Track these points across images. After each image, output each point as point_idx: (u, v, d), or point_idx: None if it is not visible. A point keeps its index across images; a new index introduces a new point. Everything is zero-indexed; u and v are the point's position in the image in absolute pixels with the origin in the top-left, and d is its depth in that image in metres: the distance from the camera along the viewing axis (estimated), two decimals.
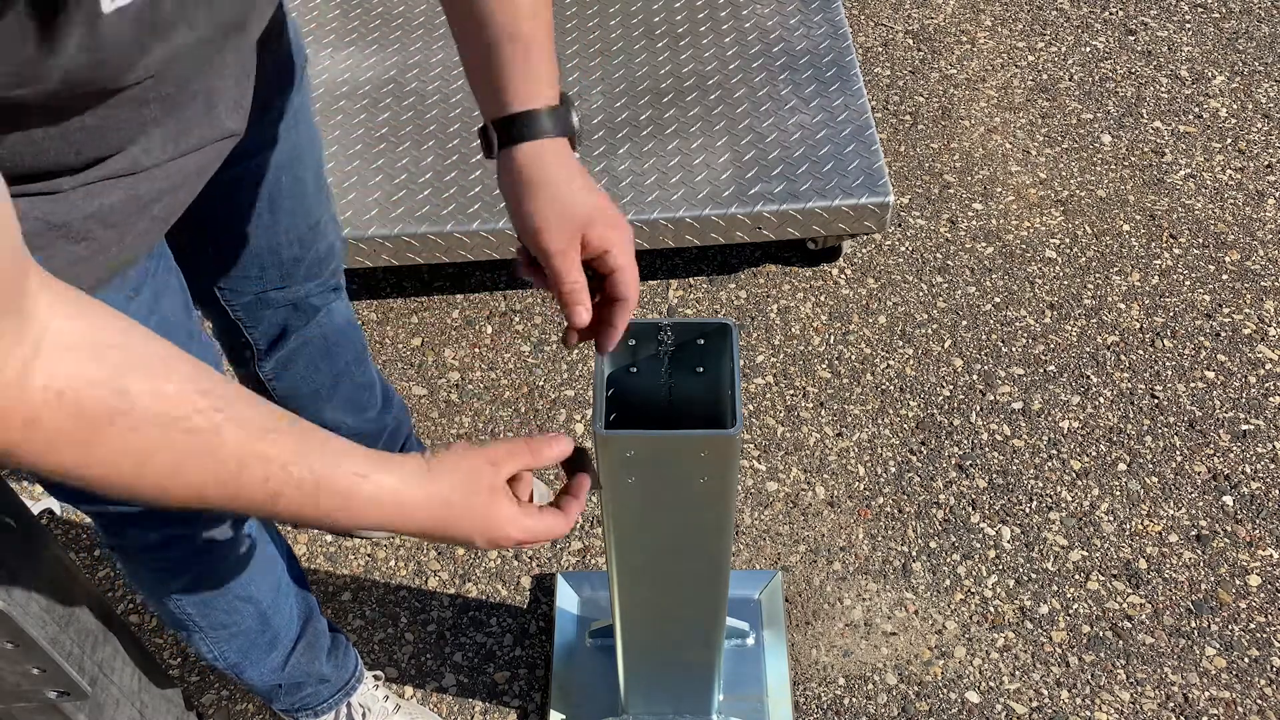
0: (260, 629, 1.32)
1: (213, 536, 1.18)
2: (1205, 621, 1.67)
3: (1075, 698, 1.60)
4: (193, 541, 1.17)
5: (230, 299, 1.28)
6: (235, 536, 1.22)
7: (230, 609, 1.27)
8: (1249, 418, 1.91)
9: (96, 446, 0.59)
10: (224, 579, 1.23)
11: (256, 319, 1.33)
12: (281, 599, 1.33)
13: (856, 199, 1.92)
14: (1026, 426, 1.90)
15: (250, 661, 1.34)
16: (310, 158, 1.21)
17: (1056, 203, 2.26)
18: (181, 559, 1.18)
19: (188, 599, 1.22)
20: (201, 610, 1.25)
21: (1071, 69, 2.53)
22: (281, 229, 1.22)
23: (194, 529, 1.16)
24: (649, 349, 1.02)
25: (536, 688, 1.64)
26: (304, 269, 1.30)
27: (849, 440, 1.90)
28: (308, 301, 1.35)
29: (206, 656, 1.32)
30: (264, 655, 1.35)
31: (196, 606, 1.24)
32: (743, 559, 1.76)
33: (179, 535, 1.15)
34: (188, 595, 1.22)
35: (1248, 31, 2.61)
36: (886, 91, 2.50)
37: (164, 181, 0.86)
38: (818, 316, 2.09)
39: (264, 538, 1.29)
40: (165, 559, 1.17)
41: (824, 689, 1.62)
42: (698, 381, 1.04)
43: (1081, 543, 1.76)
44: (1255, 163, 2.32)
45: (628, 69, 2.18)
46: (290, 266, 1.27)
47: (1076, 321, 2.06)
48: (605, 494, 1.02)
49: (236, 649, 1.32)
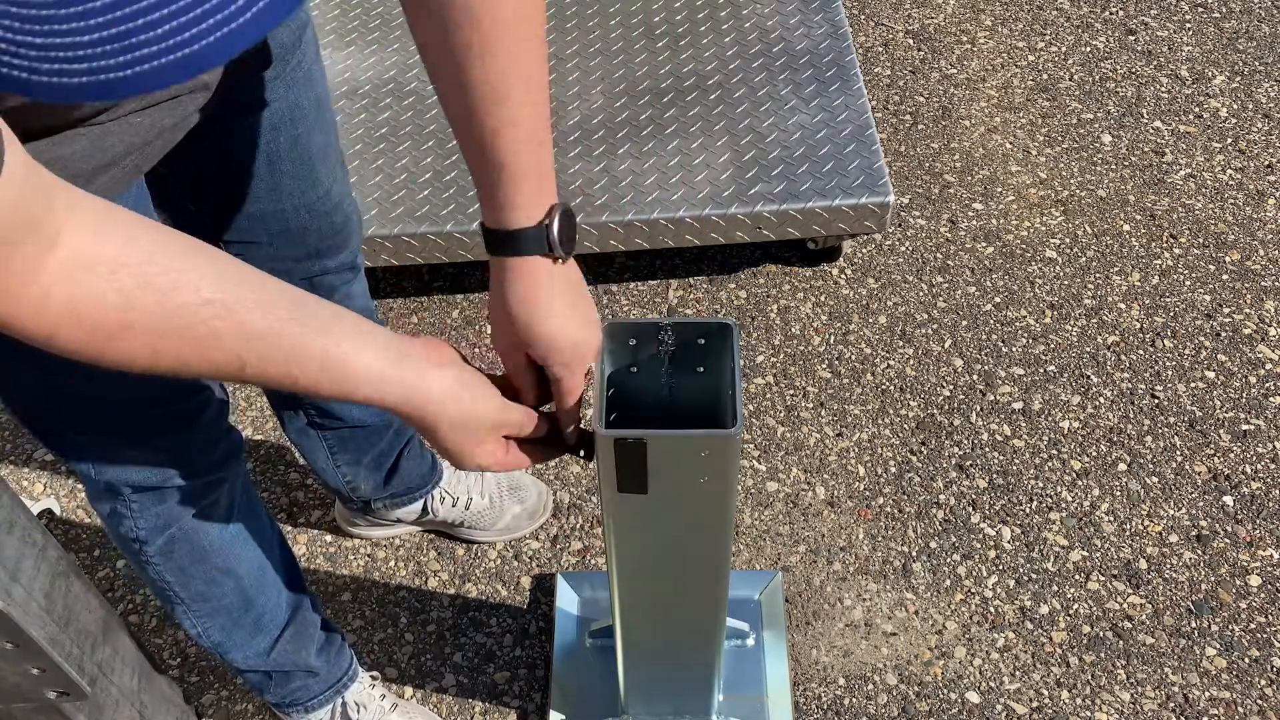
0: (242, 608, 1.32)
1: (191, 492, 1.19)
2: (1205, 622, 1.67)
3: (1075, 698, 1.60)
4: (167, 498, 1.18)
5: None
6: (215, 499, 1.23)
7: (209, 580, 1.27)
8: (1249, 418, 1.91)
9: (109, 351, 0.68)
10: (203, 546, 1.24)
11: None
12: (267, 582, 1.33)
13: (856, 199, 1.92)
14: (1027, 426, 1.90)
15: (234, 643, 1.35)
16: (316, 121, 1.18)
17: (1057, 203, 2.26)
18: (158, 517, 1.19)
19: (165, 564, 1.23)
20: (179, 579, 1.26)
21: (1072, 69, 2.53)
22: (285, 192, 1.19)
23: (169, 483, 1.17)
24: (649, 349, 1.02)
25: (536, 688, 1.64)
26: (316, 241, 1.27)
27: (849, 440, 1.90)
28: (324, 280, 1.32)
29: (190, 632, 1.33)
30: (248, 638, 1.35)
31: (175, 574, 1.25)
32: (743, 559, 1.76)
33: (154, 487, 1.16)
34: (165, 560, 1.23)
35: (1248, 31, 2.61)
36: (887, 91, 2.50)
37: (132, 136, 0.85)
38: (818, 316, 2.09)
39: (252, 513, 1.30)
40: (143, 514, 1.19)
41: (824, 689, 1.62)
42: (698, 381, 1.04)
43: (1082, 543, 1.76)
44: (1255, 162, 2.32)
45: (628, 69, 2.17)
46: (300, 236, 1.24)
47: (1077, 321, 2.06)
48: (605, 494, 1.02)
49: (219, 627, 1.32)
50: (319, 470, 1.59)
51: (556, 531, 1.81)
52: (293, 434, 1.54)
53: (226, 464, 1.21)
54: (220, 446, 1.19)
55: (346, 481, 1.61)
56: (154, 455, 1.13)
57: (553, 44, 2.23)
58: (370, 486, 1.63)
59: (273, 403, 1.55)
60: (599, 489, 1.20)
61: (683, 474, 0.99)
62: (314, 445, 1.54)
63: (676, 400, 1.06)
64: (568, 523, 1.82)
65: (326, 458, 1.56)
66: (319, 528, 1.83)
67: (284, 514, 1.85)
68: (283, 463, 1.91)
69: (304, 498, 1.87)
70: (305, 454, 1.57)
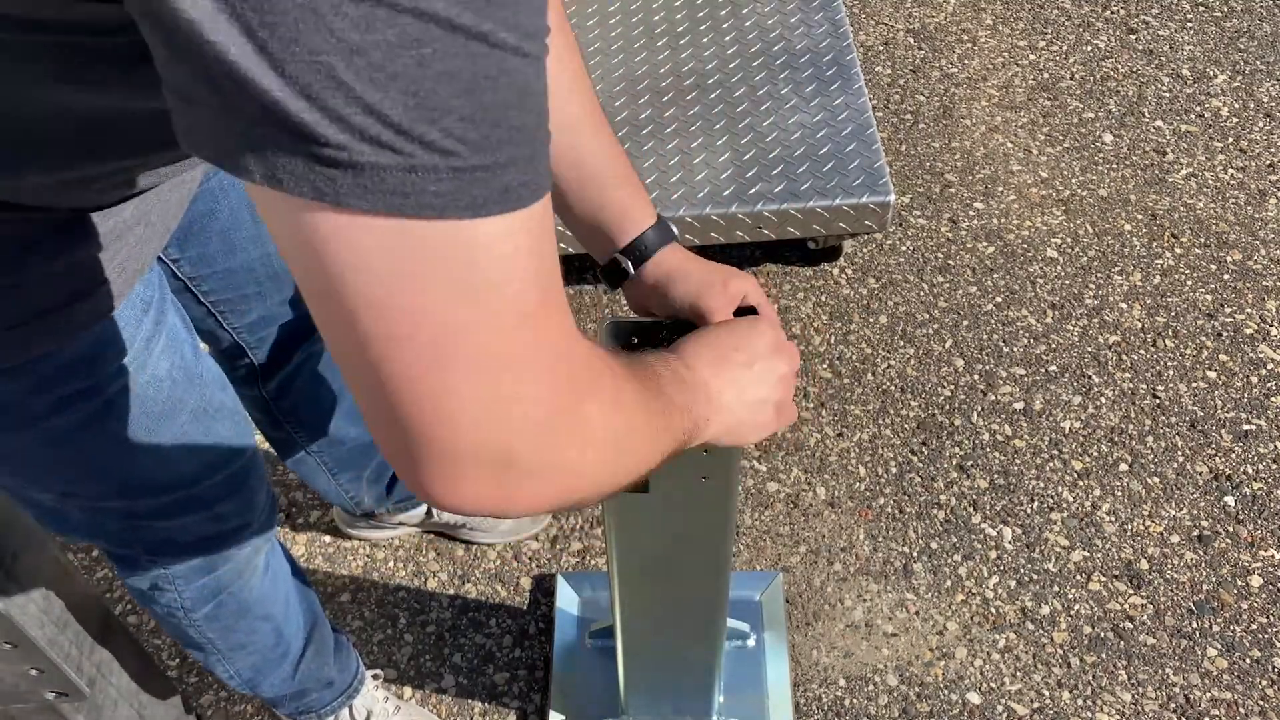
0: (275, 643, 1.31)
1: (238, 566, 1.18)
2: (1207, 622, 1.66)
3: (1076, 699, 1.60)
4: (218, 566, 1.16)
5: (232, 320, 1.24)
6: (256, 563, 1.21)
7: (250, 630, 1.27)
8: (1251, 418, 1.90)
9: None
10: (247, 602, 1.23)
11: (260, 339, 1.29)
12: (291, 610, 1.33)
13: (857, 198, 1.92)
14: (1028, 427, 1.90)
15: (263, 676, 1.34)
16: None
17: (1058, 202, 2.26)
18: (204, 588, 1.17)
19: (210, 626, 1.22)
20: (223, 635, 1.24)
21: (1073, 68, 2.53)
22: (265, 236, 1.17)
23: (216, 563, 1.15)
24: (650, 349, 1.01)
25: (536, 688, 1.63)
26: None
27: (850, 440, 1.90)
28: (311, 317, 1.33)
29: (221, 676, 1.31)
30: (276, 667, 1.34)
31: (219, 632, 1.24)
32: (743, 559, 1.76)
33: (199, 567, 1.14)
34: (210, 622, 1.21)
35: (1249, 30, 2.61)
36: (887, 90, 2.50)
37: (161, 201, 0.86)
38: (818, 316, 2.08)
39: (276, 550, 1.28)
40: (188, 586, 1.16)
41: (825, 690, 1.62)
42: None
43: (1083, 543, 1.76)
44: (1257, 162, 2.31)
45: (628, 69, 2.17)
46: (288, 278, 1.23)
47: (1078, 321, 2.05)
48: None
49: (251, 665, 1.31)
50: (321, 491, 1.57)
51: (556, 532, 1.80)
52: (290, 463, 1.51)
53: (271, 522, 1.20)
54: (266, 502, 1.17)
55: (350, 496, 1.59)
56: (208, 526, 1.11)
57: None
58: (373, 497, 1.62)
59: (264, 430, 1.49)
60: None
61: (683, 474, 0.99)
62: (313, 470, 1.52)
63: None
64: (568, 523, 1.81)
65: (328, 480, 1.54)
66: (318, 528, 1.82)
67: (284, 514, 1.84)
68: (282, 463, 1.90)
69: (304, 498, 1.86)
70: (305, 478, 1.55)
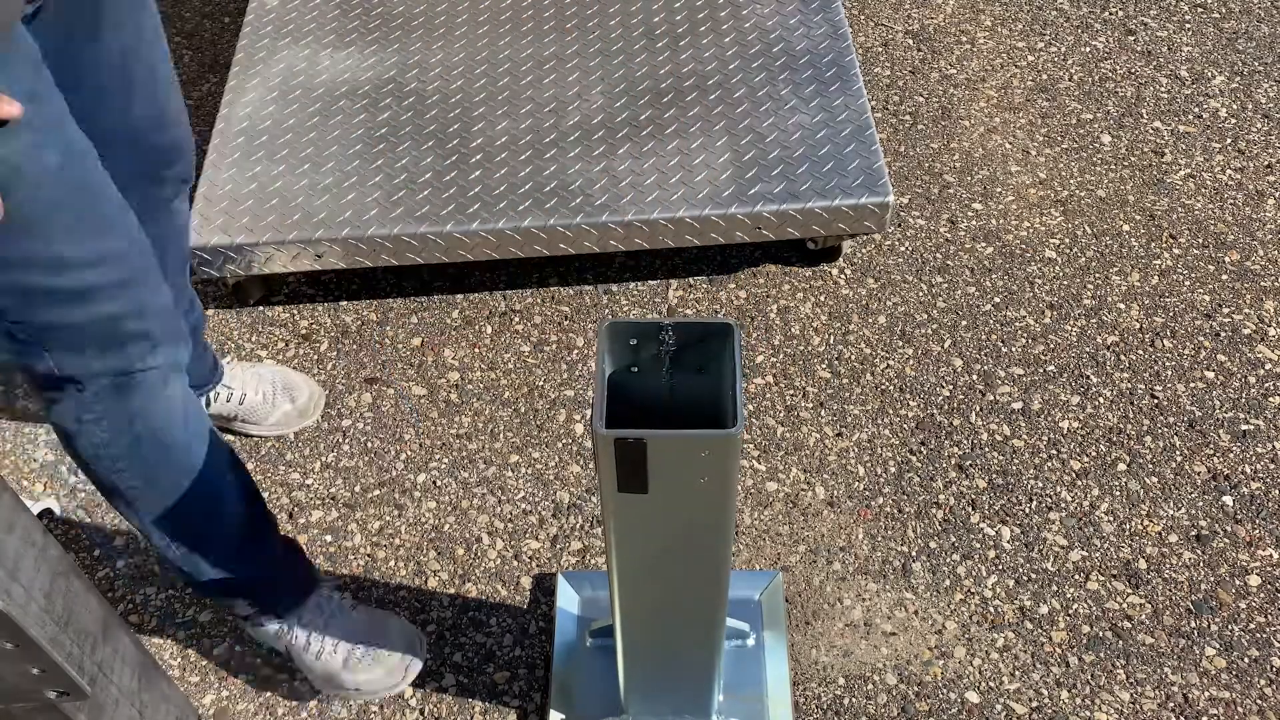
0: (207, 509, 1.36)
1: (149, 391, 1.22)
2: (1205, 622, 1.67)
3: (1075, 698, 1.60)
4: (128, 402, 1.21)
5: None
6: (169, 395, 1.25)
7: (175, 483, 1.31)
8: (1249, 418, 1.91)
9: None
10: (165, 445, 1.27)
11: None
12: (219, 474, 1.36)
13: (856, 199, 1.92)
14: (1026, 426, 1.90)
15: (203, 551, 1.38)
16: (155, 36, 1.31)
17: (1056, 203, 2.26)
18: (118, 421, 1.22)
19: (132, 467, 1.26)
20: (148, 481, 1.29)
21: (1071, 69, 2.53)
22: (135, 114, 1.30)
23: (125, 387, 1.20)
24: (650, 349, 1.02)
25: (536, 688, 1.64)
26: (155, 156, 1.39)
27: (849, 440, 1.90)
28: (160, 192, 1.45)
29: (159, 547, 1.36)
30: (214, 540, 1.39)
31: (143, 478, 1.29)
32: (743, 559, 1.76)
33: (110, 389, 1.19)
34: (133, 463, 1.26)
35: (1247, 31, 2.61)
36: (886, 91, 2.50)
37: None
38: (818, 316, 2.09)
39: (193, 398, 1.32)
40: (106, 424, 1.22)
41: (824, 689, 1.62)
42: (699, 382, 1.04)
43: (1081, 543, 1.76)
44: (1255, 163, 2.32)
45: (628, 69, 2.18)
46: (141, 151, 1.35)
47: (1076, 321, 2.06)
48: (605, 494, 1.02)
49: (186, 532, 1.35)
50: None
51: (556, 531, 1.81)
52: None
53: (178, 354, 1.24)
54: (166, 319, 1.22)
55: None
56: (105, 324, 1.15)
57: (553, 44, 2.23)
58: None
59: None
60: (599, 489, 1.20)
61: (683, 474, 0.99)
62: None
63: (677, 400, 1.07)
64: (568, 523, 1.82)
65: None
66: (319, 528, 1.83)
67: (284, 514, 1.85)
68: (283, 463, 1.91)
69: (304, 498, 1.87)
70: None
